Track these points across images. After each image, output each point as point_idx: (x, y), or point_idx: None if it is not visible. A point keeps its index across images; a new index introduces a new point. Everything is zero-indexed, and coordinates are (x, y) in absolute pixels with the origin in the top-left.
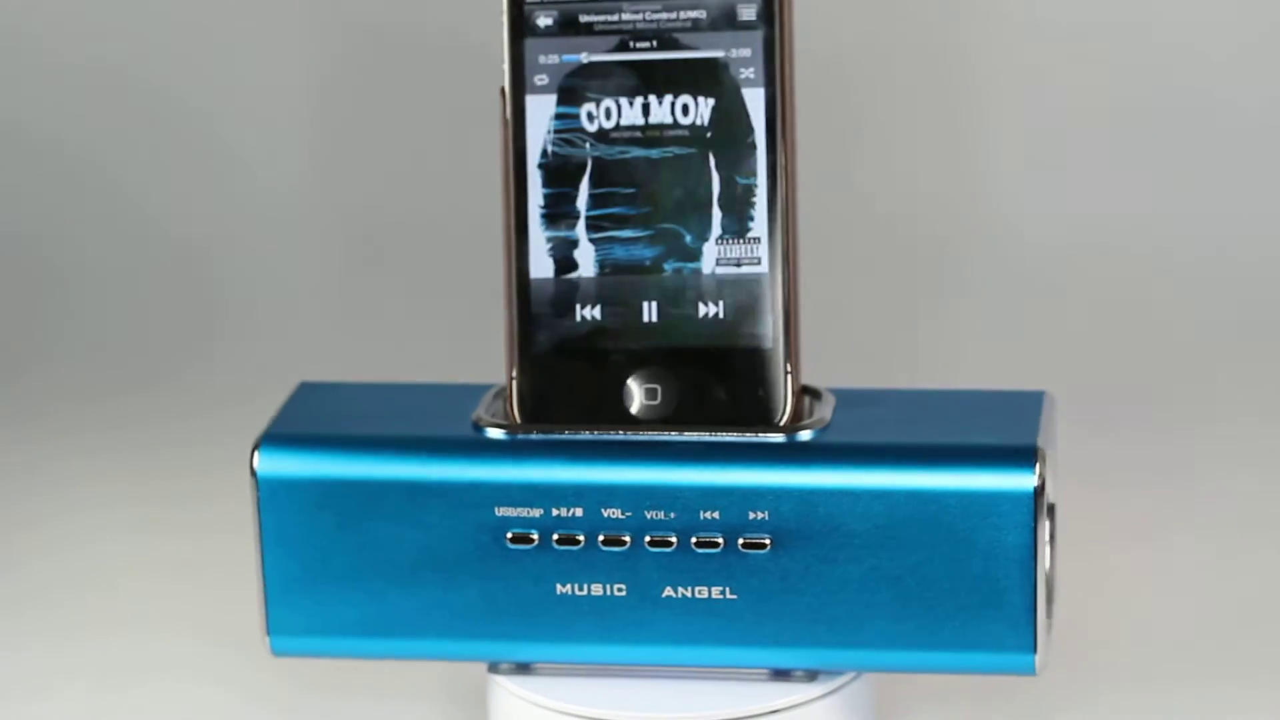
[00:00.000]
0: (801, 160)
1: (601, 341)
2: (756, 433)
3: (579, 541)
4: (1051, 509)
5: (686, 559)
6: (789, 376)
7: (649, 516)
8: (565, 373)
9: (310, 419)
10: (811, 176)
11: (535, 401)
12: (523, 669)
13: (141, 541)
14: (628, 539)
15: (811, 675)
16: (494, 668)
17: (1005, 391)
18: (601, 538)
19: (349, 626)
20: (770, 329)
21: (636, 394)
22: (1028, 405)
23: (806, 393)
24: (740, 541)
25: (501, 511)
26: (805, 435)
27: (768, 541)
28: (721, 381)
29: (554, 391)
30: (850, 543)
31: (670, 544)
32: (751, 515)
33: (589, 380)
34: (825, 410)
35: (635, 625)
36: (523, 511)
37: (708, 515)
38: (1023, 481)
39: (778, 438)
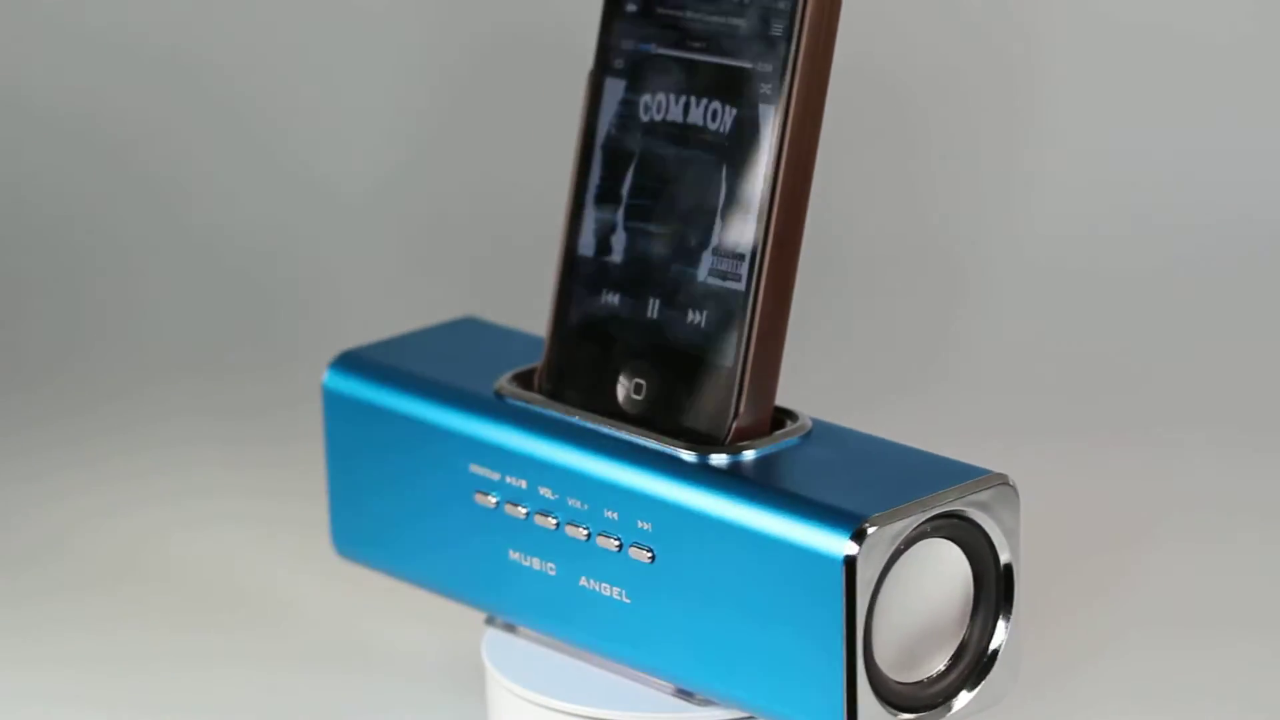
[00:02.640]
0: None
1: (613, 328)
2: (682, 446)
3: (523, 513)
4: (999, 599)
5: (593, 553)
6: (739, 399)
7: (569, 503)
8: (581, 352)
9: (406, 348)
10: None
11: (555, 374)
12: (511, 627)
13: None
14: (555, 521)
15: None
16: (490, 620)
17: (959, 463)
18: (536, 514)
19: (380, 543)
20: (735, 348)
21: (626, 386)
22: (949, 478)
23: (787, 417)
24: (630, 548)
25: (473, 469)
26: (720, 459)
27: (650, 553)
28: (689, 390)
29: (570, 368)
30: (711, 572)
31: (584, 535)
32: (640, 524)
33: (595, 364)
34: (775, 440)
35: (560, 605)
36: (485, 472)
37: (609, 514)
38: (834, 546)
39: (691, 456)
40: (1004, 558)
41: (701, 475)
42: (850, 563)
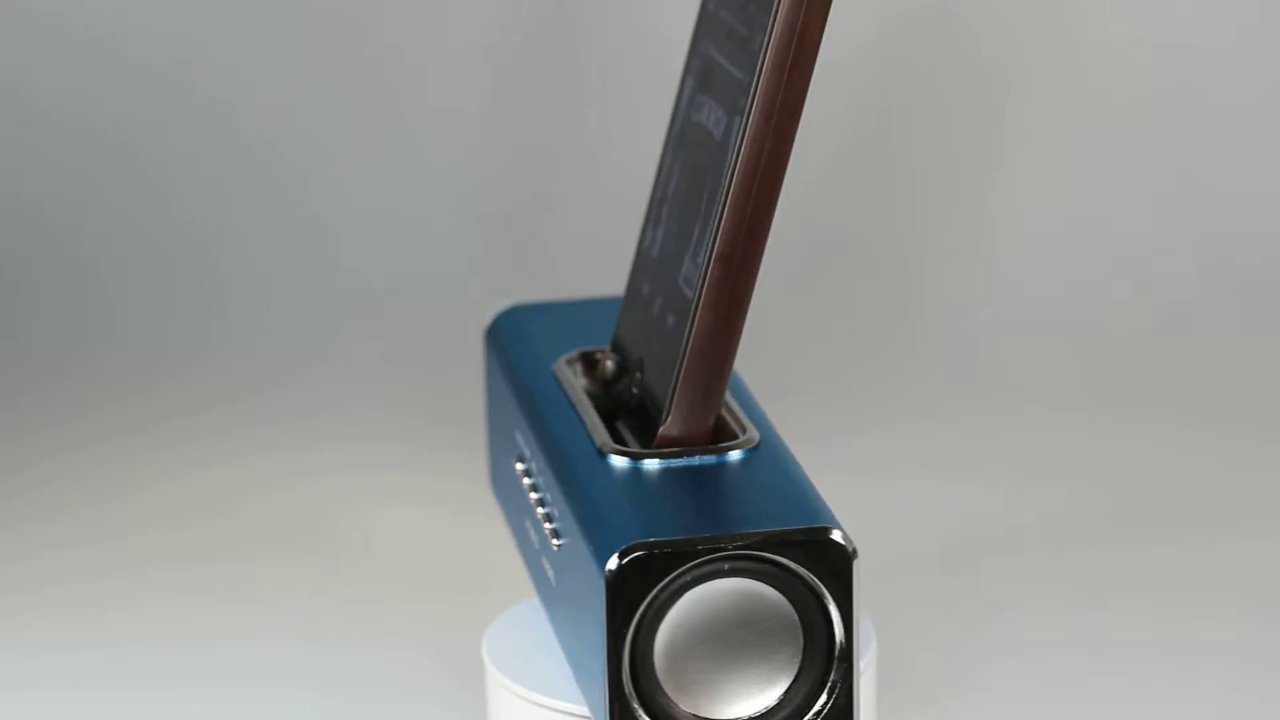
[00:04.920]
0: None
1: (641, 319)
2: (613, 446)
3: (526, 484)
4: (828, 663)
5: (542, 533)
6: (669, 406)
7: (540, 482)
8: (624, 341)
9: (558, 313)
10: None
11: (613, 355)
12: None
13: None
14: (534, 497)
15: None
16: None
17: (823, 513)
18: (530, 489)
19: (497, 489)
20: (677, 356)
21: (635, 377)
22: (779, 519)
23: (743, 432)
24: (551, 534)
25: (515, 435)
26: (632, 463)
27: (559, 541)
28: (652, 391)
29: (619, 352)
30: (574, 568)
31: (540, 515)
32: (554, 512)
33: (623, 353)
34: (695, 452)
35: (539, 578)
36: (520, 440)
37: (549, 499)
38: (604, 563)
39: (615, 456)
40: (834, 619)
41: (597, 475)
42: (610, 581)
